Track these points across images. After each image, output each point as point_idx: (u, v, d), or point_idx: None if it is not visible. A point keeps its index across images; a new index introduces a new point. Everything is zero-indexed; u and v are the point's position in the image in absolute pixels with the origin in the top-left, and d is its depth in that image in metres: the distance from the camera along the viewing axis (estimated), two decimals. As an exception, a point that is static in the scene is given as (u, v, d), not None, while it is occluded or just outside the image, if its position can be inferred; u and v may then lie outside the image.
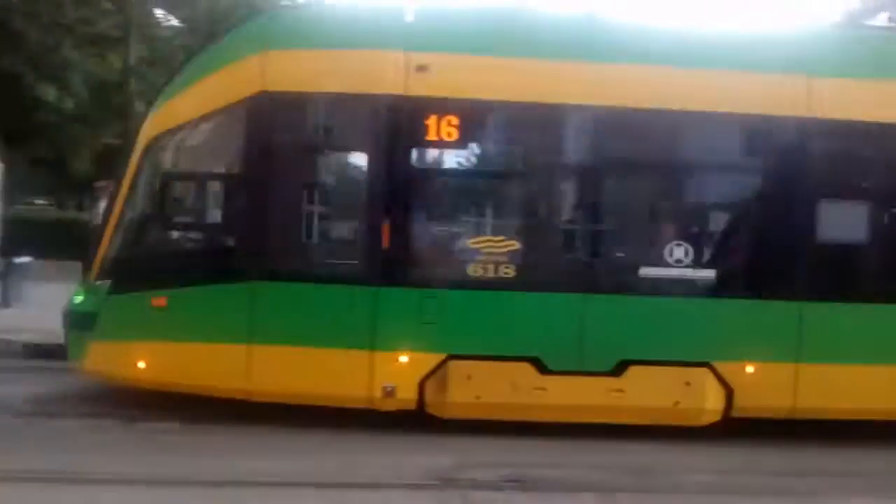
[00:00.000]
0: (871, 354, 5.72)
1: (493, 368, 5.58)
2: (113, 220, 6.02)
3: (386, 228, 5.55)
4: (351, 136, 5.94)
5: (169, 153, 6.04)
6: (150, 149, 5.93)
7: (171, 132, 5.92)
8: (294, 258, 5.82)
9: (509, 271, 5.63)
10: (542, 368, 5.61)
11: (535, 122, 5.79)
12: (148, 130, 5.98)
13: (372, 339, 5.53)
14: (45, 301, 8.69)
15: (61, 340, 6.49)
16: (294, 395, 5.60)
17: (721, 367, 5.69)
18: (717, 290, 5.80)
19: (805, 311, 5.74)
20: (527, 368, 5.59)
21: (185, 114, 5.88)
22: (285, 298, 5.61)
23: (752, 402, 5.73)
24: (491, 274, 5.61)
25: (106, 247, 6.02)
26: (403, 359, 5.55)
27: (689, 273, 5.77)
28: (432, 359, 5.56)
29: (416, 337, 5.58)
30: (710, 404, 5.69)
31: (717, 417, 5.73)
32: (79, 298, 6.21)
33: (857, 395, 5.69)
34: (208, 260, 5.90)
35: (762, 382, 5.72)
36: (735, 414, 5.76)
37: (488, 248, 5.63)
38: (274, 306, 5.59)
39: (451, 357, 5.56)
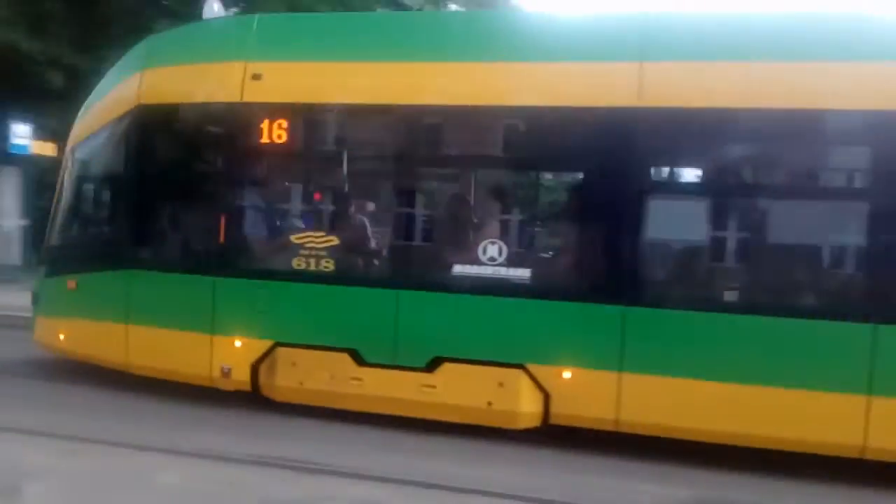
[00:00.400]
0: (701, 368, 5.17)
1: (315, 357, 5.93)
2: (51, 216, 7.27)
3: (223, 224, 6.11)
4: (204, 143, 6.48)
5: (79, 160, 7.09)
6: (69, 156, 7.08)
7: (82, 141, 7.00)
8: (155, 250, 6.57)
9: (329, 265, 5.90)
10: (360, 360, 5.84)
11: (356, 123, 6.00)
12: (70, 140, 7.12)
13: (212, 324, 6.13)
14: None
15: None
16: (158, 370, 6.40)
17: (536, 369, 5.51)
18: (532, 290, 5.58)
19: (628, 317, 5.34)
20: (345, 359, 5.85)
21: (91, 126, 6.91)
22: (149, 285, 6.39)
23: (570, 410, 5.48)
24: (313, 268, 5.93)
25: (46, 238, 7.28)
26: (238, 343, 6.09)
27: (503, 272, 5.61)
28: (262, 345, 6.04)
29: (248, 324, 6.08)
30: (525, 408, 5.54)
31: (536, 422, 5.56)
32: (36, 281, 7.55)
33: (688, 412, 5.20)
34: (100, 250, 6.82)
35: (581, 390, 5.43)
36: (554, 421, 5.54)
37: (310, 243, 5.94)
38: (141, 292, 6.42)
39: (279, 344, 6.00)
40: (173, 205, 6.51)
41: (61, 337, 6.93)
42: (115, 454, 5.06)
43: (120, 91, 6.68)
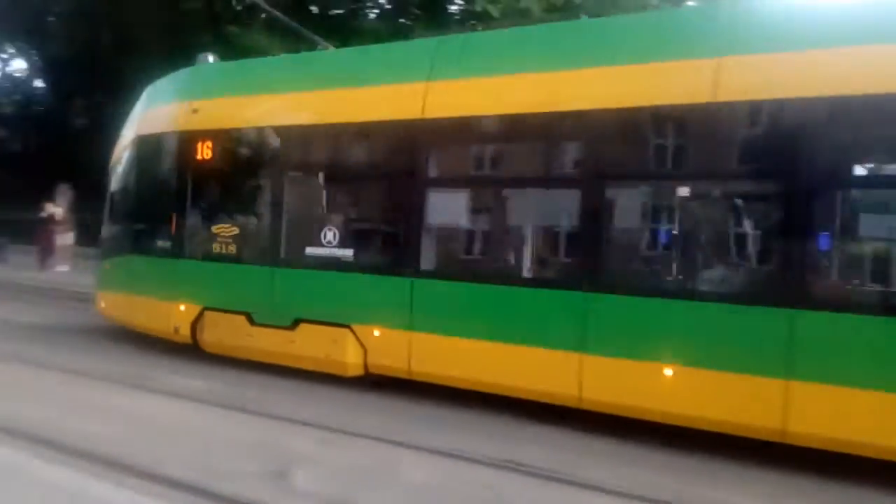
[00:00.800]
0: (478, 330, 6.31)
1: (225, 318, 7.95)
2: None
3: (173, 220, 8.35)
4: (168, 162, 8.71)
5: (111, 178, 9.85)
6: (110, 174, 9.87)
7: (113, 163, 9.77)
8: (146, 242, 8.89)
9: (232, 249, 7.91)
10: (252, 321, 7.74)
11: (247, 142, 7.89)
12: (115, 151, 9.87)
13: (170, 294, 8.39)
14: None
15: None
16: (140, 327, 8.92)
17: (358, 329, 7.02)
18: (353, 266, 7.08)
19: (415, 286, 6.63)
20: (242, 320, 7.79)
21: (117, 150, 9.62)
22: (143, 266, 8.86)
23: (380, 362, 6.93)
24: (223, 250, 7.96)
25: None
26: (182, 308, 8.29)
27: (336, 252, 7.19)
28: (195, 309, 8.18)
29: (189, 293, 8.26)
30: (351, 359, 7.07)
31: (359, 371, 7.07)
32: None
33: (470, 366, 6.36)
34: (117, 241, 9.50)
35: (386, 345, 6.84)
36: (372, 370, 7.01)
37: (221, 233, 7.98)
38: (139, 271, 8.90)
39: (206, 309, 8.10)
40: (152, 209, 8.87)
41: (102, 305, 9.72)
42: (366, 447, 5.41)
43: (130, 125, 9.31)
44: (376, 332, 6.88)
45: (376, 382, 7.03)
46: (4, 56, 32.02)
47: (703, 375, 5.29)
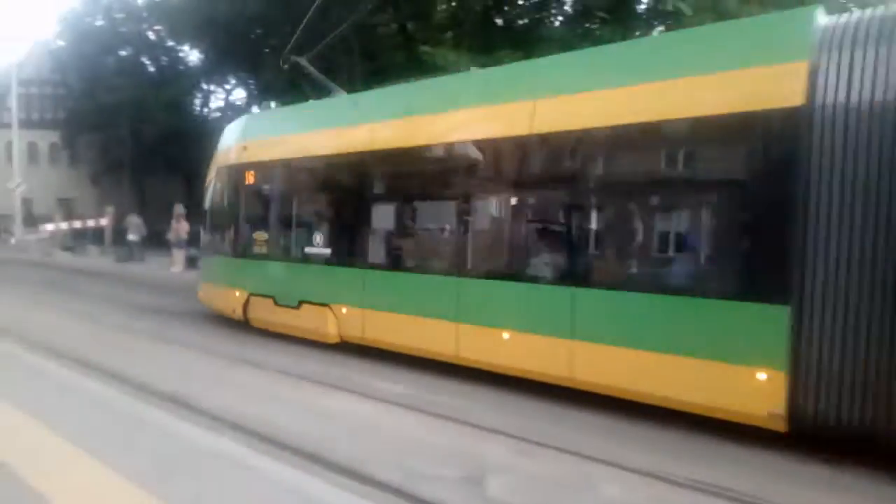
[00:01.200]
0: (381, 303, 8.60)
1: (260, 301, 10.42)
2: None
3: (233, 230, 11.14)
4: (231, 187, 11.25)
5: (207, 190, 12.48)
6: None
7: (207, 183, 12.51)
8: (221, 246, 11.52)
9: (265, 250, 10.49)
10: (276, 303, 10.13)
11: (272, 172, 10.64)
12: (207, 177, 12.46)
13: (231, 282, 11.12)
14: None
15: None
16: (220, 309, 11.45)
17: (334, 308, 9.27)
18: (328, 259, 9.41)
19: (367, 276, 8.80)
20: (270, 302, 10.21)
21: (210, 171, 12.33)
22: (220, 264, 11.55)
23: (347, 333, 9.08)
24: (261, 251, 10.47)
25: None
26: (237, 294, 10.82)
27: (320, 250, 9.54)
28: (244, 295, 10.71)
29: (241, 283, 10.84)
30: (331, 330, 9.27)
31: (336, 340, 9.24)
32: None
33: (388, 333, 8.53)
34: (208, 245, 12.30)
35: (349, 320, 8.99)
36: (344, 338, 9.16)
37: (260, 238, 10.61)
38: (218, 267, 11.64)
39: (252, 295, 10.61)
40: (224, 222, 11.54)
41: (200, 294, 12.51)
42: (562, 460, 5.36)
43: (214, 158, 12.17)
44: (344, 310, 9.10)
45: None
46: (228, 86, 36.16)
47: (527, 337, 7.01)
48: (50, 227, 29.40)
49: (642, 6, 19.04)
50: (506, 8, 22.24)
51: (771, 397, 5.32)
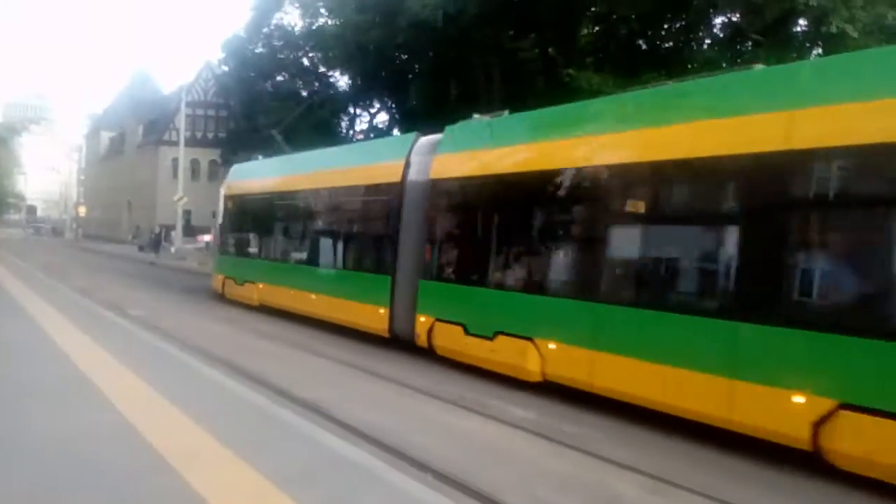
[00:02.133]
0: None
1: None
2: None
3: (231, 238, 17.36)
4: (227, 210, 17.78)
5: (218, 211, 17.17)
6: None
7: (220, 206, 17.78)
8: (225, 247, 17.65)
9: (249, 251, 16.71)
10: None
11: (243, 202, 16.89)
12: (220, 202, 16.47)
13: (243, 277, 16.42)
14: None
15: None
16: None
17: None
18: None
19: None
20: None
21: (221, 199, 18.29)
22: (224, 261, 17.49)
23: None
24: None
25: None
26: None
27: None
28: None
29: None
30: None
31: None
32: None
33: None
34: (220, 248, 18.23)
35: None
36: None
37: (241, 242, 17.08)
38: (224, 264, 17.59)
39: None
40: (226, 231, 17.98)
41: (213, 284, 17.84)
42: (693, 501, 5.17)
43: (223, 187, 18.21)
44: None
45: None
46: (373, 110, 37.75)
47: None
48: (206, 237, 31.78)
49: (799, 28, 18.04)
50: (650, 32, 21.81)
51: (384, 320, 11.06)
